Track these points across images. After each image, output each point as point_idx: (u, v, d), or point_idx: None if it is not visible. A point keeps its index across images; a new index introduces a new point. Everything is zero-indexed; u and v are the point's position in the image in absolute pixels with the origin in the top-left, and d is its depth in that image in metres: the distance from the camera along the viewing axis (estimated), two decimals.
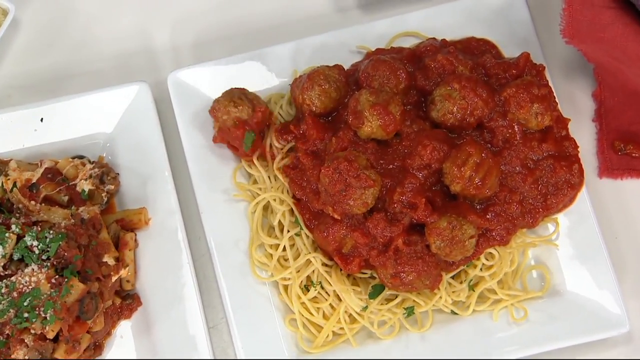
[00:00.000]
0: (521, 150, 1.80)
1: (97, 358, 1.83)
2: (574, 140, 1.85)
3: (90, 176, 1.87)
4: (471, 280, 1.85)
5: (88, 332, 1.76)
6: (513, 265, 1.87)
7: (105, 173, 1.89)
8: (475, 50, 1.94)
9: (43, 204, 1.83)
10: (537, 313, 1.85)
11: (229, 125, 1.81)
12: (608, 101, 1.96)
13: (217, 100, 1.83)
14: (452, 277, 1.85)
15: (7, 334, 1.67)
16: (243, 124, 1.81)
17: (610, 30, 1.79)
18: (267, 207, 1.90)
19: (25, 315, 1.66)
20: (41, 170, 1.87)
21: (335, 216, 1.76)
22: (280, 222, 1.87)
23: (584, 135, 1.98)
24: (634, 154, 1.95)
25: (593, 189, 1.93)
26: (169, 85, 1.90)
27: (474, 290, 1.85)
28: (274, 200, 1.87)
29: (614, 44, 1.79)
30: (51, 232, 1.73)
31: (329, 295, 1.85)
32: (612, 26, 1.79)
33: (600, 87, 1.98)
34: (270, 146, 1.89)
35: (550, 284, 1.88)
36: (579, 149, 1.84)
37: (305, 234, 1.85)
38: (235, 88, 1.87)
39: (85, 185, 1.86)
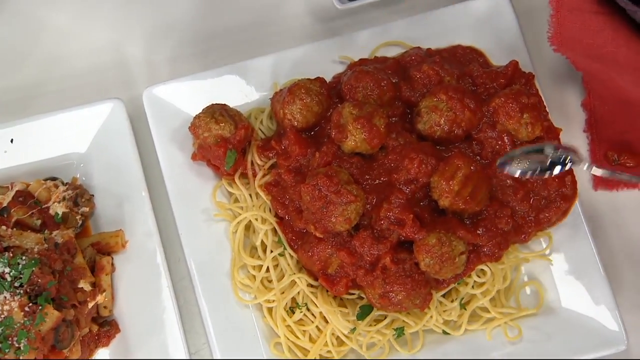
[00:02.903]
0: None
1: None
2: None
3: (64, 198, 1.88)
4: (462, 298, 1.87)
5: None
6: (506, 282, 1.89)
7: (80, 195, 1.90)
8: (462, 58, 1.96)
9: (15, 229, 1.84)
10: (532, 331, 1.87)
11: (209, 143, 1.83)
12: (598, 110, 1.98)
13: (197, 117, 1.84)
14: (443, 296, 1.87)
15: None
16: (225, 142, 1.83)
17: (600, 36, 1.81)
18: (249, 227, 1.92)
19: None
20: (12, 193, 1.88)
21: (318, 234, 1.77)
22: (262, 242, 1.88)
23: (576, 146, 1.98)
24: (628, 164, 1.97)
25: (586, 202, 1.95)
26: (145, 102, 1.92)
27: (465, 309, 1.87)
28: (256, 219, 1.88)
29: (604, 50, 1.82)
30: (24, 257, 1.73)
31: (315, 317, 1.86)
32: (602, 32, 1.81)
33: (589, 96, 2.00)
34: (252, 163, 1.91)
35: (545, 301, 1.90)
36: None
37: (289, 254, 1.87)
38: (216, 104, 1.88)
39: (58, 208, 1.87)
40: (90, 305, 1.82)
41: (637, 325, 1.91)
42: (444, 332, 1.88)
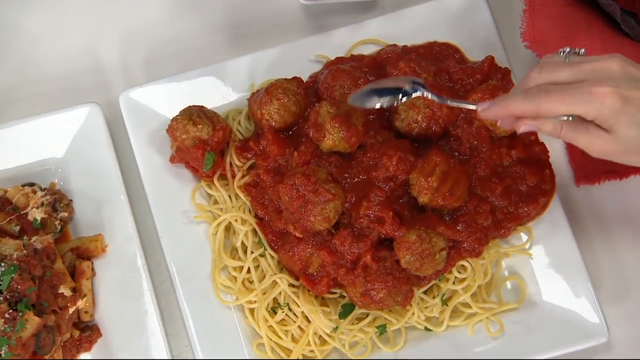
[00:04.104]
0: (490, 157, 1.84)
1: None
2: (544, 145, 1.89)
3: (42, 204, 1.88)
4: (444, 294, 1.89)
5: None
6: (486, 277, 1.91)
7: (58, 200, 1.90)
8: (438, 55, 1.97)
9: None
10: (514, 325, 1.89)
11: (188, 145, 1.84)
12: None
13: (175, 119, 1.86)
14: (424, 292, 1.89)
15: None
16: (203, 144, 1.84)
17: (574, 29, 1.84)
18: (229, 228, 1.93)
19: None
20: None
21: (297, 234, 1.79)
22: (243, 243, 1.90)
23: (554, 141, 2.00)
24: None
25: (565, 195, 1.97)
26: (121, 105, 1.93)
27: (447, 305, 1.89)
28: (236, 220, 1.90)
29: (578, 44, 1.84)
30: (3, 264, 1.74)
31: (297, 317, 1.88)
32: (577, 25, 1.84)
33: None
34: (231, 164, 1.92)
35: (526, 295, 1.92)
36: (549, 154, 1.88)
37: (270, 254, 1.88)
38: (193, 106, 1.89)
39: (37, 214, 1.88)
40: (71, 310, 1.83)
41: (617, 317, 1.93)
42: (426, 329, 1.90)
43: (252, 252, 1.89)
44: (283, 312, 1.88)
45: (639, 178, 2.01)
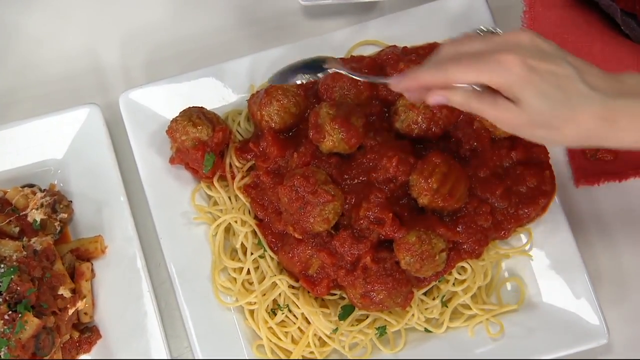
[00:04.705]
0: (490, 158, 1.84)
1: None
2: (544, 146, 1.88)
3: (42, 205, 1.88)
4: (444, 296, 1.89)
5: None
6: (486, 279, 1.91)
7: (58, 201, 1.90)
8: None
9: None
10: (514, 327, 1.89)
11: (187, 147, 1.85)
12: None
13: (174, 120, 1.86)
14: (424, 294, 1.89)
15: None
16: (203, 145, 1.84)
17: (575, 30, 1.84)
18: (228, 229, 1.93)
19: None
20: None
21: (296, 235, 1.79)
22: (243, 245, 1.90)
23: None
24: (606, 158, 2.00)
25: (565, 197, 1.97)
26: (121, 107, 1.93)
27: (447, 306, 1.89)
28: (236, 221, 1.90)
29: (579, 45, 1.84)
30: (2, 265, 1.74)
31: (297, 318, 1.88)
32: (578, 26, 1.84)
33: None
34: (230, 166, 1.93)
35: (526, 296, 1.92)
36: (549, 155, 1.88)
37: (270, 255, 1.89)
38: (193, 107, 1.90)
39: (36, 215, 1.88)
40: (71, 311, 1.83)
41: (617, 318, 1.93)
42: (426, 330, 1.90)
43: (251, 254, 1.89)
44: (283, 313, 1.88)
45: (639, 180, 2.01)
